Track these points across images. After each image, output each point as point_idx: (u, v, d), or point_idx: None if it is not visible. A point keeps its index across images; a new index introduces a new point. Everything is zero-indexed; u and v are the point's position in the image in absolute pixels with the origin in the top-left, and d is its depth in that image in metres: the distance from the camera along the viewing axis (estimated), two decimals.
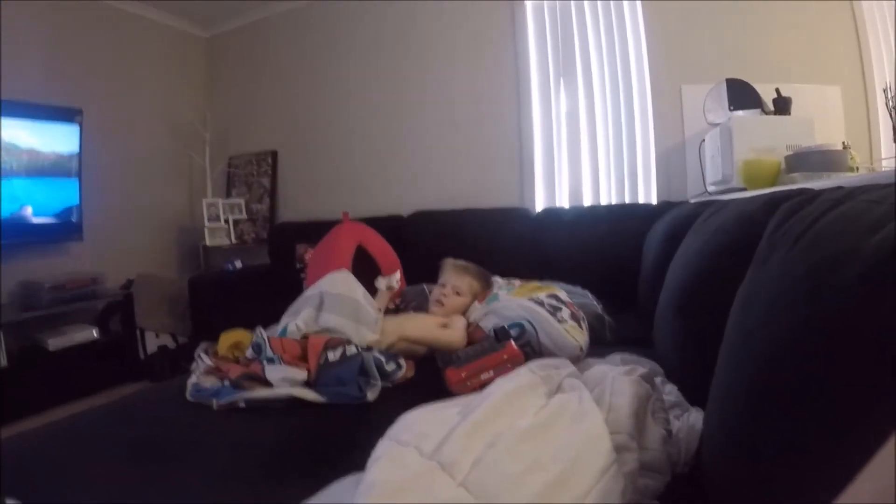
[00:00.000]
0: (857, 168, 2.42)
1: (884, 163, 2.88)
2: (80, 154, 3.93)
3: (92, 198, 4.08)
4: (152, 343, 4.25)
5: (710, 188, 2.87)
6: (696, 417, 1.28)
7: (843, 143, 2.58)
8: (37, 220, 3.73)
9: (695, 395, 1.36)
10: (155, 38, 4.75)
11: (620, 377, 1.27)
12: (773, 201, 1.31)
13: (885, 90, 2.56)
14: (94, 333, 3.96)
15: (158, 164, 4.76)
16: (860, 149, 2.92)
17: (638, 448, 1.09)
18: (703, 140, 3.04)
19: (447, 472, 0.99)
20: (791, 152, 2.28)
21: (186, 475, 1.50)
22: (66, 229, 3.94)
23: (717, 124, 2.83)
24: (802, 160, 2.17)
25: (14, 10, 3.72)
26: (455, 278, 2.39)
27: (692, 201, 2.80)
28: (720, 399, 1.01)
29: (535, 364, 1.40)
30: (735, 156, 2.51)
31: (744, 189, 2.44)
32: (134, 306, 4.17)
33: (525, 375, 1.31)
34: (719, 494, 0.96)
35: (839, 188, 1.06)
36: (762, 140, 2.50)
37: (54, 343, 3.73)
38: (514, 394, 1.21)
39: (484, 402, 1.17)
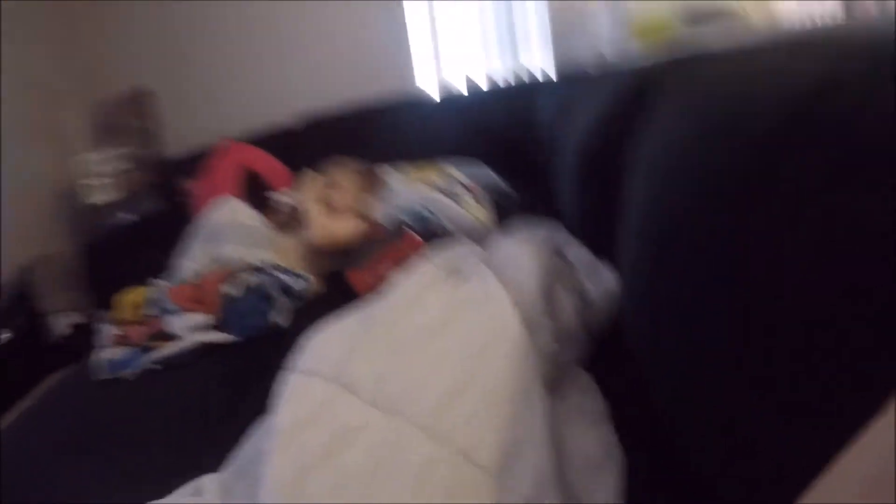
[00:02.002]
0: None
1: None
2: None
3: None
4: (63, 325, 4.06)
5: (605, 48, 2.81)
6: (607, 277, 1.24)
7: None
8: None
9: (601, 251, 1.34)
10: None
11: (523, 254, 1.24)
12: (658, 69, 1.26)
13: None
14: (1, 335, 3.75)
15: (17, 131, 4.39)
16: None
17: (550, 321, 1.08)
18: None
19: (352, 392, 0.97)
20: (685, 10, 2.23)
21: (125, 454, 1.50)
22: None
23: None
24: (696, 17, 2.11)
25: None
26: (334, 175, 2.33)
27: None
28: (632, 271, 1.02)
29: (435, 255, 1.38)
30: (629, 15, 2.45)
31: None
32: (35, 294, 3.95)
33: (424, 269, 1.29)
34: (646, 359, 0.95)
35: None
36: None
37: None
38: (414, 292, 1.19)
39: (383, 307, 1.16)
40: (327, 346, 1.13)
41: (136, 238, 3.98)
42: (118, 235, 4.13)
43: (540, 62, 3.45)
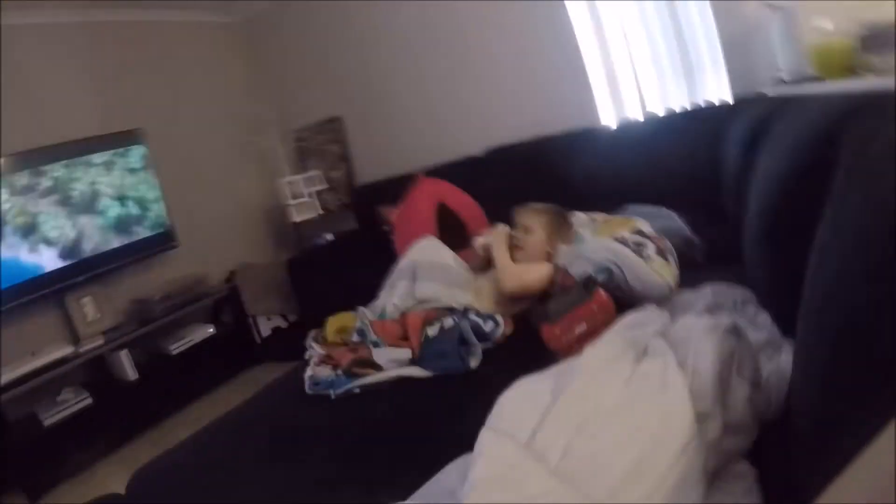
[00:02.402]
0: None
1: None
2: (152, 170, 4.14)
3: (177, 206, 4.28)
4: (265, 327, 4.47)
5: (783, 76, 2.69)
6: (786, 359, 1.26)
7: None
8: (130, 240, 4.01)
9: (788, 321, 1.28)
10: (191, 37, 4.79)
11: (704, 337, 1.25)
12: (847, 114, 1.18)
13: None
14: (210, 330, 4.23)
15: (231, 155, 4.90)
16: None
17: (722, 411, 1.10)
18: (768, 23, 2.83)
19: (540, 460, 1.05)
20: (866, 32, 2.10)
21: (318, 466, 1.66)
22: (159, 242, 4.18)
23: (779, 6, 2.63)
24: (878, 40, 2.00)
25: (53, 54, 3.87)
26: (524, 218, 2.37)
27: (769, 94, 2.64)
28: (802, 354, 1.00)
29: (621, 325, 1.42)
30: (804, 41, 2.34)
31: (819, 78, 2.28)
32: (241, 296, 4.40)
33: (612, 344, 1.33)
34: (798, 444, 0.95)
35: None
36: (833, 19, 2.29)
37: (175, 347, 4.02)
38: (602, 366, 1.25)
39: (573, 378, 1.22)
40: (520, 408, 1.21)
41: (334, 256, 4.32)
42: (317, 252, 4.49)
43: (716, 91, 3.36)
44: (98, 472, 3.41)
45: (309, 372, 2.10)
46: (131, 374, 3.76)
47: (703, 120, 2.94)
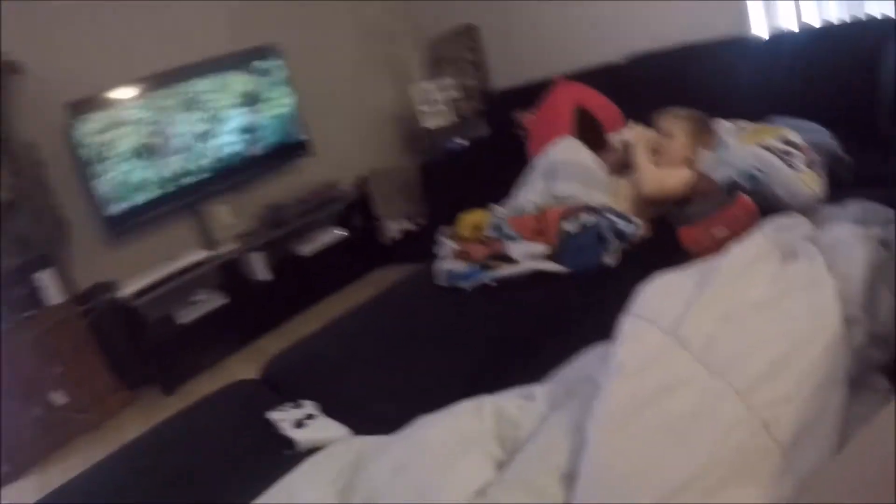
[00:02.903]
0: None
1: None
2: (289, 82, 4.27)
3: (311, 115, 4.44)
4: (394, 230, 4.63)
5: None
6: None
7: None
8: (265, 149, 4.22)
9: None
10: None
11: (855, 243, 1.23)
12: None
13: None
14: (340, 233, 4.46)
15: (363, 64, 4.98)
16: None
17: (868, 319, 1.09)
18: None
19: (684, 347, 1.08)
20: None
21: (451, 354, 1.74)
22: (294, 149, 4.38)
23: None
24: None
25: None
26: (667, 123, 2.34)
27: None
28: None
29: (768, 227, 1.41)
30: None
31: None
32: (371, 200, 4.56)
33: (757, 243, 1.32)
34: None
35: None
36: None
37: (307, 249, 4.27)
38: (748, 263, 1.24)
39: (718, 273, 1.22)
40: (664, 298, 1.23)
41: (467, 161, 4.38)
42: (450, 157, 4.54)
43: (879, 6, 3.10)
44: (230, 366, 3.73)
45: (444, 265, 2.16)
46: (264, 274, 4.03)
47: (864, 34, 2.75)
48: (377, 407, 1.57)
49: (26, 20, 3.38)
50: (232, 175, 4.04)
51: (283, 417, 1.54)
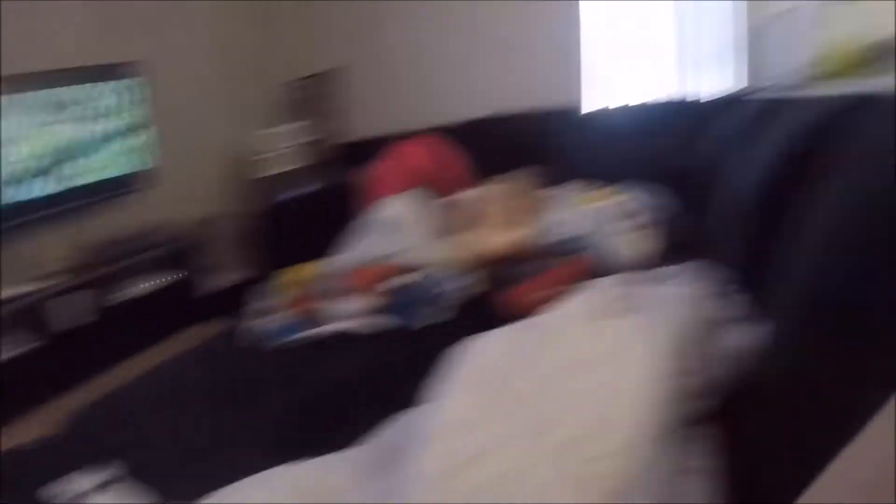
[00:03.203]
0: None
1: None
2: (142, 107, 3.90)
3: (162, 146, 4.07)
4: (222, 280, 4.33)
5: (788, 77, 2.66)
6: (756, 332, 1.24)
7: None
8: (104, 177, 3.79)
9: (758, 303, 1.33)
10: None
11: (679, 301, 1.27)
12: (837, 111, 1.27)
13: None
14: (164, 279, 4.06)
15: (213, 100, 4.71)
16: None
17: (694, 371, 1.11)
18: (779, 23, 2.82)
19: (502, 407, 1.03)
20: (878, 40, 2.09)
21: (261, 414, 1.61)
22: (133, 182, 3.95)
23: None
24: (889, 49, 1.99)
25: None
26: (506, 185, 2.37)
27: (771, 90, 2.59)
28: (775, 325, 1.05)
29: (598, 285, 1.41)
30: (817, 43, 2.33)
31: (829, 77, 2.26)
32: (201, 247, 4.26)
33: (586, 299, 1.32)
34: (775, 411, 0.99)
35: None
36: (846, 24, 2.28)
37: (128, 293, 3.82)
38: (574, 320, 1.23)
39: (541, 331, 1.21)
40: (487, 357, 1.18)
41: (310, 211, 4.19)
42: (288, 207, 4.35)
43: (720, 84, 3.31)
44: (37, 421, 3.28)
45: (262, 320, 2.04)
46: (79, 319, 3.57)
47: (693, 113, 2.85)
48: (184, 471, 1.43)
49: None
50: (56, 203, 3.55)
51: (85, 482, 1.40)
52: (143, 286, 3.91)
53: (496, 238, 2.14)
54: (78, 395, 3.33)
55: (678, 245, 2.11)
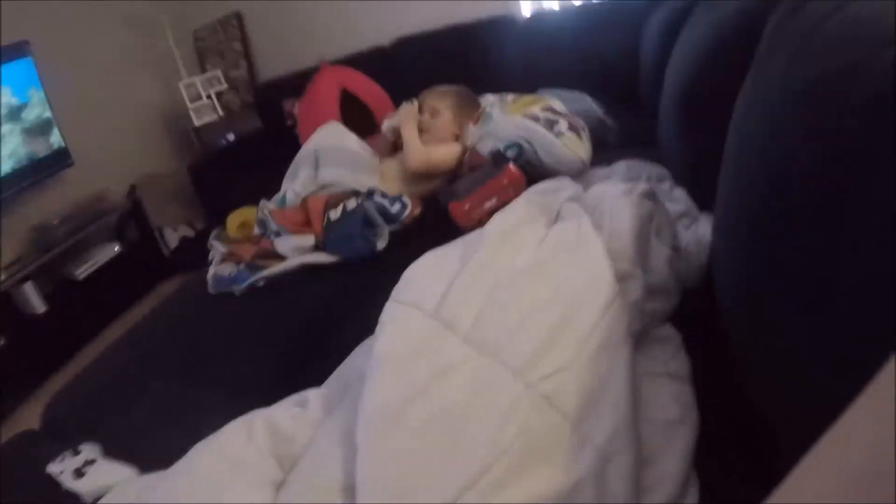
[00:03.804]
0: None
1: None
2: (42, 84, 3.71)
3: (69, 118, 3.89)
4: (173, 238, 4.29)
5: None
6: (704, 229, 1.25)
7: None
8: (21, 164, 3.60)
9: (704, 196, 1.32)
10: None
11: (620, 199, 1.22)
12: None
13: None
14: (116, 248, 3.98)
15: (124, 61, 4.51)
16: None
17: (642, 272, 1.07)
18: None
19: (450, 329, 1.00)
20: None
21: (229, 366, 1.61)
22: (54, 160, 3.80)
23: None
24: None
25: None
26: (431, 100, 2.28)
27: None
28: (724, 217, 0.97)
29: (532, 192, 1.39)
30: None
31: None
32: (145, 209, 4.18)
33: (521, 207, 1.29)
34: (729, 315, 0.94)
35: None
36: None
37: (82, 271, 3.75)
38: (511, 230, 1.20)
39: (481, 244, 1.16)
40: (428, 279, 1.15)
41: (238, 157, 4.15)
42: (220, 154, 4.29)
43: None
44: (24, 414, 3.19)
45: (211, 271, 2.01)
46: (40, 306, 3.51)
47: (623, 9, 2.93)
48: (162, 436, 1.42)
49: None
50: None
51: (62, 469, 1.37)
52: (101, 257, 3.86)
53: (429, 154, 2.12)
54: (65, 377, 3.26)
55: (612, 143, 2.17)
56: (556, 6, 3.56)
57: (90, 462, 1.38)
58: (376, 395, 0.93)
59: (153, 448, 1.35)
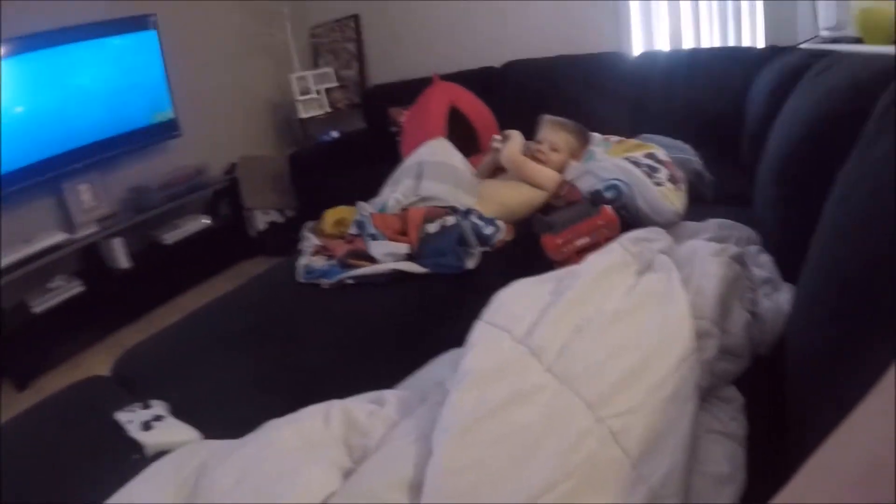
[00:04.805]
0: None
1: None
2: (161, 57, 3.95)
3: (182, 92, 4.11)
4: (261, 221, 4.44)
5: (823, 33, 2.63)
6: (784, 298, 1.28)
7: None
8: (133, 127, 3.85)
9: (789, 266, 1.34)
10: None
11: (709, 258, 1.26)
12: (885, 71, 1.21)
13: None
14: (206, 221, 4.19)
15: (242, 46, 4.72)
16: None
17: (720, 333, 1.11)
18: None
19: (536, 357, 1.05)
20: None
21: (304, 355, 1.65)
22: (162, 129, 4.03)
23: None
24: None
25: None
26: (552, 134, 2.34)
27: (803, 46, 2.57)
28: (810, 289, 1.00)
29: (627, 238, 1.40)
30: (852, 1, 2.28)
31: (860, 40, 2.23)
32: (240, 188, 4.35)
33: (616, 252, 1.32)
34: (796, 386, 0.97)
35: None
36: None
37: (170, 237, 3.97)
38: (604, 273, 1.23)
39: (575, 282, 1.20)
40: (518, 306, 1.20)
41: (339, 154, 4.24)
42: (322, 149, 4.41)
43: (750, 40, 3.28)
44: (87, 360, 3.40)
45: (303, 260, 2.09)
46: (124, 262, 3.71)
47: (735, 61, 2.87)
48: (228, 408, 1.49)
49: None
50: (95, 152, 3.65)
51: (131, 419, 1.44)
52: (190, 227, 4.06)
53: (534, 183, 2.19)
54: (133, 332, 3.55)
55: (708, 200, 2.16)
56: (666, 47, 3.57)
57: (159, 418, 1.44)
58: (459, 405, 0.98)
59: (218, 419, 1.42)
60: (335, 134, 4.58)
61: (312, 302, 1.92)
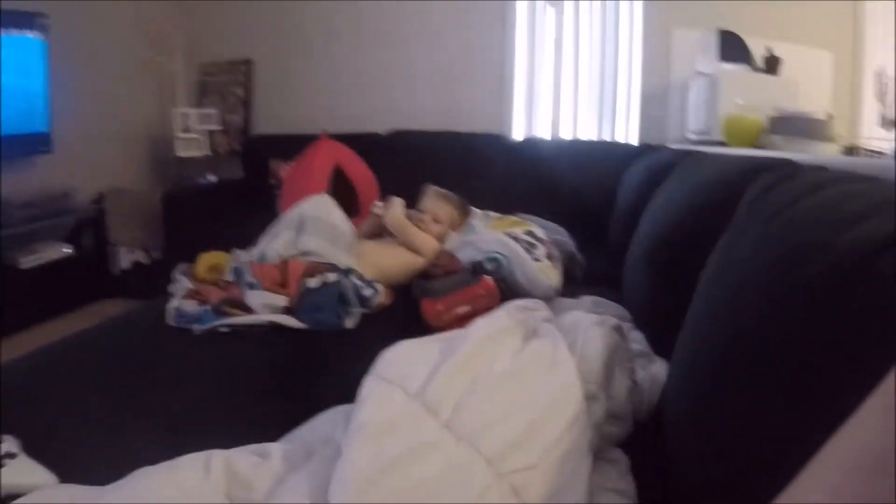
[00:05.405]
0: (838, 141, 2.46)
1: (872, 142, 2.89)
2: (46, 64, 3.70)
3: (61, 109, 3.85)
4: (126, 259, 4.22)
5: (691, 136, 2.90)
6: (658, 369, 1.37)
7: (828, 113, 2.61)
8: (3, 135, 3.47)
9: (660, 343, 1.45)
10: None
11: (593, 327, 1.32)
12: (756, 168, 1.34)
13: (878, 73, 2.59)
14: (67, 250, 3.87)
15: (129, 72, 4.55)
16: (843, 120, 2.94)
17: (606, 397, 1.16)
18: (689, 86, 3.05)
19: (431, 412, 1.05)
20: (776, 114, 2.33)
21: (172, 401, 1.55)
22: (34, 142, 3.73)
23: (705, 74, 2.85)
24: (785, 124, 2.23)
25: None
26: (434, 205, 2.41)
27: (672, 146, 2.81)
28: (684, 364, 1.08)
29: (512, 306, 1.44)
30: (719, 109, 2.55)
31: (724, 144, 2.48)
32: (106, 221, 4.12)
33: (503, 318, 1.35)
34: (678, 449, 1.04)
35: (822, 169, 1.12)
36: (748, 96, 2.55)
37: (26, 261, 3.61)
38: (492, 337, 1.26)
39: (464, 342, 1.22)
40: (410, 363, 1.20)
41: (214, 199, 4.18)
42: (198, 192, 4.32)
43: (623, 136, 3.56)
44: None
45: (174, 303, 2.00)
46: None
47: (609, 154, 3.12)
48: (87, 450, 1.35)
49: None
50: None
51: None
52: (49, 254, 3.74)
53: (414, 248, 2.23)
54: None
55: (578, 278, 2.29)
56: (547, 135, 3.78)
57: (10, 455, 1.28)
58: (356, 459, 0.96)
59: (76, 462, 1.29)
60: (212, 178, 4.48)
61: (183, 347, 1.83)
